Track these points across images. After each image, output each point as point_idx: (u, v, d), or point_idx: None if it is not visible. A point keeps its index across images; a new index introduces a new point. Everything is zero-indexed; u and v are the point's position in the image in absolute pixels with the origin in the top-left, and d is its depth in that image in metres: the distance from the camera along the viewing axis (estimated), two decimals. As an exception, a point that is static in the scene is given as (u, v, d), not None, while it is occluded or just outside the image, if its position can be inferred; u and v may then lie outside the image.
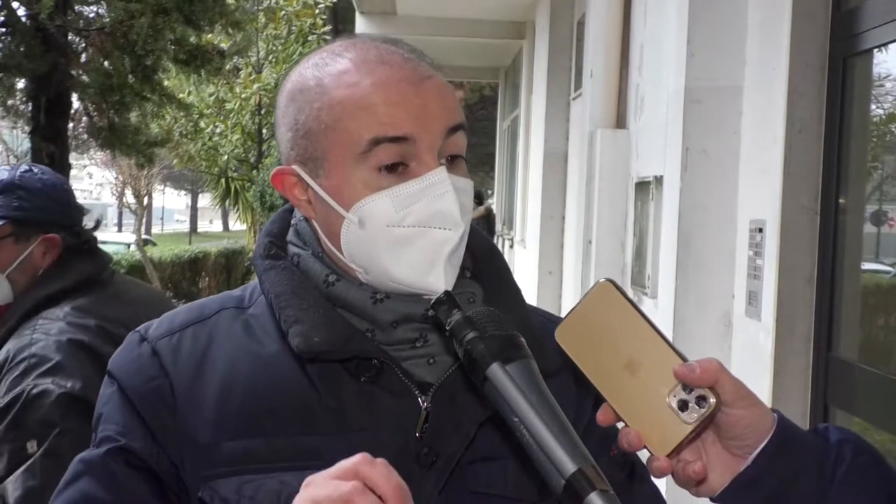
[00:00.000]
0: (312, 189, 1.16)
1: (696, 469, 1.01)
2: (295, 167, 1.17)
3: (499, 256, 1.29)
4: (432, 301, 1.05)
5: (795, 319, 3.14)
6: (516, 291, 1.26)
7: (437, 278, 1.11)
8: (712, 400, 0.98)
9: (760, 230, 3.26)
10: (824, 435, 1.07)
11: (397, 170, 1.11)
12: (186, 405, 1.14)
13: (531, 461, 1.15)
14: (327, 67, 1.16)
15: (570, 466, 0.88)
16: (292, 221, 1.26)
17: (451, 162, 1.15)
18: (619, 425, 1.04)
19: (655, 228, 4.52)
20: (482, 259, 1.26)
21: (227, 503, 1.10)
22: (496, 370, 0.94)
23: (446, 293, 1.05)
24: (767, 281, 3.20)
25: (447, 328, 1.01)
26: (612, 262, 5.42)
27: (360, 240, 1.13)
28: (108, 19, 9.08)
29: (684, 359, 1.00)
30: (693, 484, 1.04)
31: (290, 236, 1.25)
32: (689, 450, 1.02)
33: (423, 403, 1.13)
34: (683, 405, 0.99)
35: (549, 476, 0.90)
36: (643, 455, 1.04)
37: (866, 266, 3.17)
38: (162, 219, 59.32)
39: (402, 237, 1.11)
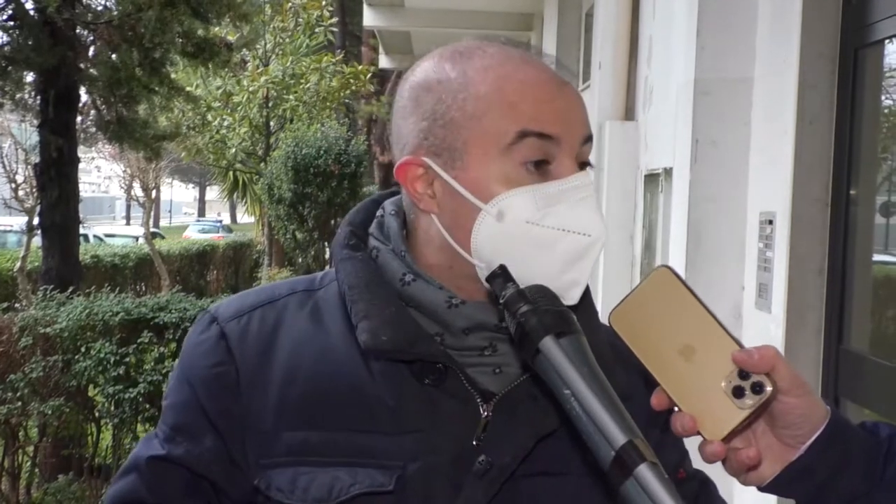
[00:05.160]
0: (444, 181, 1.12)
1: (751, 455, 1.01)
2: (426, 159, 1.13)
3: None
4: (487, 275, 1.05)
5: (806, 311, 3.13)
6: (594, 313, 1.23)
7: (569, 283, 1.10)
8: (769, 388, 0.97)
9: (770, 222, 3.25)
10: (874, 430, 1.07)
11: (540, 167, 1.09)
12: (250, 391, 1.14)
13: (593, 482, 1.13)
14: (469, 62, 1.14)
15: (620, 438, 0.88)
16: (378, 213, 1.25)
17: (582, 169, 1.13)
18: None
19: (665, 220, 4.52)
20: None
21: (280, 492, 1.10)
22: (549, 343, 0.94)
23: (501, 267, 1.04)
24: (778, 273, 3.19)
25: (501, 301, 1.00)
26: (621, 255, 5.42)
27: (495, 233, 1.10)
28: (115, 12, 9.09)
29: (741, 345, 1.00)
30: (744, 471, 1.03)
31: (373, 229, 1.23)
32: (740, 438, 1.02)
33: (483, 412, 1.12)
34: (739, 391, 0.98)
35: (597, 448, 0.90)
36: (694, 441, 1.03)
37: (877, 257, 3.15)
38: (170, 212, 59.48)
39: (541, 237, 1.09)
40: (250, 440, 1.13)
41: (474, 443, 1.11)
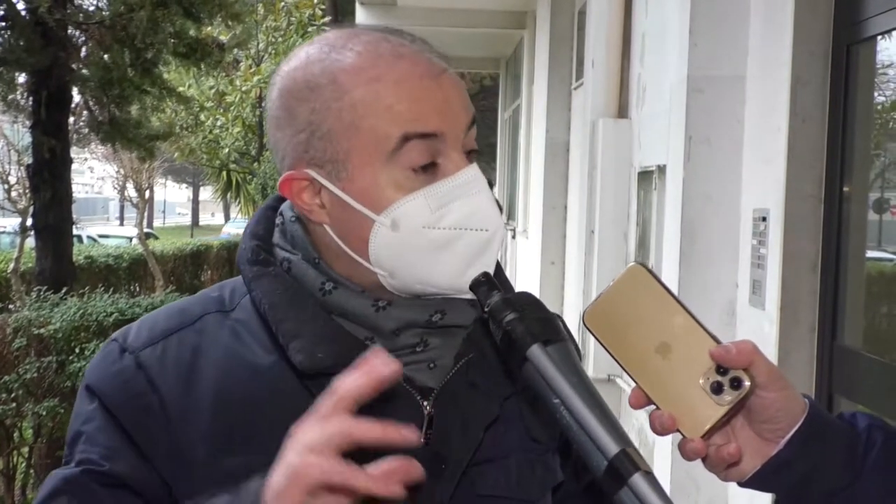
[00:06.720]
0: (332, 193, 1.09)
1: (731, 451, 1.00)
2: (310, 171, 1.09)
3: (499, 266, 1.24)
4: (470, 283, 1.03)
5: (799, 308, 3.13)
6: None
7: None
8: (747, 383, 0.97)
9: (764, 219, 3.25)
10: (851, 422, 1.06)
11: (429, 169, 1.07)
12: (179, 419, 1.08)
13: (531, 461, 1.15)
14: (338, 63, 1.09)
15: (613, 447, 0.88)
16: (277, 221, 1.20)
17: (468, 157, 1.11)
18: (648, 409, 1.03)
19: (658, 218, 4.52)
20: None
21: None
22: (537, 351, 0.93)
23: (485, 274, 1.03)
24: (771, 270, 3.19)
25: (485, 309, 0.99)
26: (615, 252, 5.42)
27: (392, 243, 1.07)
28: (107, 13, 9.08)
29: (718, 341, 0.99)
30: (724, 467, 1.02)
31: (277, 238, 1.18)
32: (719, 434, 1.01)
33: (425, 408, 1.11)
34: (717, 387, 0.97)
35: (590, 457, 0.89)
36: (668, 441, 1.03)
37: (870, 254, 3.16)
38: (164, 212, 59.41)
39: (439, 240, 1.07)
40: (182, 470, 1.07)
41: (422, 441, 1.09)
